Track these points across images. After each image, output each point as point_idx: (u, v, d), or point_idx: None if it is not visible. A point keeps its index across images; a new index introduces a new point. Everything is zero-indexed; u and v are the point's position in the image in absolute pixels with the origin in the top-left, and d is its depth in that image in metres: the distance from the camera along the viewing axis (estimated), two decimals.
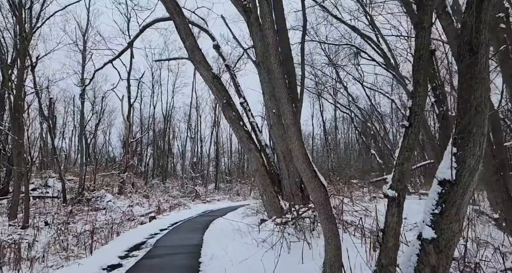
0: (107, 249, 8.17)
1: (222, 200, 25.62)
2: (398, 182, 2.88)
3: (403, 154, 2.87)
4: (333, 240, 3.25)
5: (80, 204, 16.73)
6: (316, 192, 3.38)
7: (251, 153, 7.84)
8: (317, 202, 3.39)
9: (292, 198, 7.61)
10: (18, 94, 12.27)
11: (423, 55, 2.68)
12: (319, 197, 3.36)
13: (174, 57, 8.64)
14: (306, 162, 3.46)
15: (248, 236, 6.10)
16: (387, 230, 2.88)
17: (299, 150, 3.51)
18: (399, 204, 2.87)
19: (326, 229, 3.31)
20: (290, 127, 3.61)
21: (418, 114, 2.79)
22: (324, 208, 3.32)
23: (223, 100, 7.75)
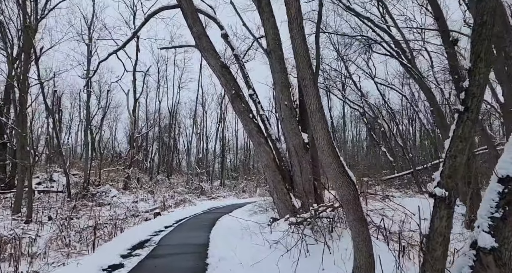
0: (109, 247, 7.82)
1: (228, 196, 25.27)
2: (448, 179, 2.39)
3: (455, 145, 2.37)
4: (364, 246, 2.79)
5: (84, 199, 16.47)
6: (343, 189, 2.91)
7: (261, 147, 7.37)
8: (345, 201, 2.92)
9: (305, 195, 7.15)
10: (21, 86, 11.97)
11: (486, 23, 2.17)
12: (347, 195, 2.89)
13: (180, 45, 8.23)
14: (333, 155, 2.99)
15: (258, 236, 5.65)
16: (434, 236, 2.40)
17: (325, 140, 3.03)
18: (450, 205, 2.38)
19: (355, 233, 2.84)
20: (315, 114, 3.13)
21: (477, 96, 2.29)
22: (353, 207, 2.85)
23: (232, 91, 7.28)
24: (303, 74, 3.21)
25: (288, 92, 7.49)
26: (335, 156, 3.02)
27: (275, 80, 7.53)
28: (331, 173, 3.02)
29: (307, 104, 3.26)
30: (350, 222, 2.91)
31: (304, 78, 3.22)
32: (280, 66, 7.45)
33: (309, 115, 3.21)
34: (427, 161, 18.87)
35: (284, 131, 7.54)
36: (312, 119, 3.18)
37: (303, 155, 7.30)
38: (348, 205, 2.90)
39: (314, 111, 3.16)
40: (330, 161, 3.02)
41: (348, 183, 2.92)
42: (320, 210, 4.73)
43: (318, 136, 3.12)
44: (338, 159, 3.02)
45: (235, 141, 38.73)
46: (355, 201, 2.88)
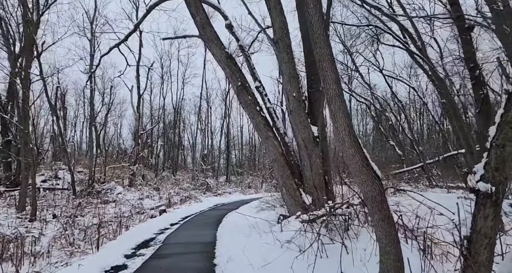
0: (114, 246, 7.61)
1: (233, 192, 25.06)
2: (495, 172, 2.05)
3: (504, 132, 2.02)
4: (392, 248, 2.46)
5: (89, 196, 16.37)
6: (367, 185, 2.58)
7: (268, 141, 7.04)
8: (369, 198, 2.60)
9: (315, 191, 6.83)
10: (23, 83, 11.76)
11: None
12: (372, 191, 2.56)
13: (184, 35, 7.92)
14: (355, 146, 2.66)
15: (268, 235, 5.35)
16: (477, 238, 2.07)
17: (346, 129, 2.70)
18: (497, 202, 2.04)
19: (382, 234, 2.52)
20: (335, 100, 2.79)
21: None
22: (378, 205, 2.52)
23: (237, 83, 6.94)
24: (321, 55, 2.85)
25: (296, 83, 7.13)
26: (358, 147, 2.68)
27: (283, 71, 7.18)
28: (353, 167, 2.69)
29: (325, 89, 2.91)
30: (375, 221, 2.59)
31: (321, 59, 2.86)
32: (288, 56, 7.08)
33: (327, 102, 2.86)
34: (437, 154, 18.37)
35: (293, 124, 7.20)
36: (331, 106, 2.83)
37: (312, 148, 6.96)
38: (372, 202, 2.58)
39: (334, 97, 2.81)
40: (352, 153, 2.68)
41: (373, 177, 2.60)
42: (335, 207, 4.41)
43: (338, 125, 2.78)
44: (361, 150, 2.69)
45: (240, 136, 38.49)
46: (381, 197, 2.55)
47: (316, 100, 7.60)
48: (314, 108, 7.52)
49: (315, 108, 7.53)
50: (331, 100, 2.81)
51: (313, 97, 7.63)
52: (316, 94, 7.63)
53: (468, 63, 8.85)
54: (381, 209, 2.54)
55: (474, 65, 8.69)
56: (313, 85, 7.69)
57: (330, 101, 2.82)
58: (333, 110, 2.81)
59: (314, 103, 7.59)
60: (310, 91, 7.68)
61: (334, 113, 2.81)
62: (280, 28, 7.07)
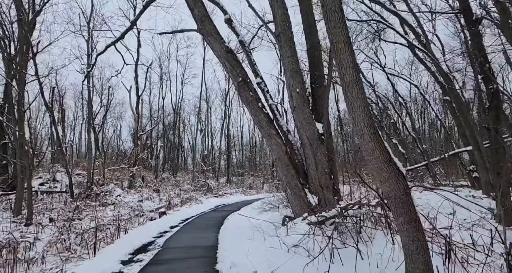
0: (111, 250, 7.29)
1: (234, 193, 24.73)
2: None
3: None
4: (420, 256, 2.15)
5: (88, 199, 16.03)
6: (390, 184, 2.27)
7: (271, 139, 6.73)
8: (392, 198, 2.29)
9: (321, 191, 6.51)
10: (18, 83, 11.46)
11: None
12: (395, 191, 2.25)
13: (181, 29, 7.63)
14: (375, 139, 2.35)
15: (273, 238, 5.02)
16: None
17: (365, 121, 2.39)
18: None
19: (408, 239, 2.21)
20: (352, 87, 2.47)
21: None
22: (403, 206, 2.21)
23: (238, 79, 6.62)
24: (335, 35, 2.53)
25: (299, 78, 6.82)
26: (378, 141, 2.37)
27: (285, 65, 6.87)
28: (374, 163, 2.38)
29: (341, 75, 2.59)
30: (400, 225, 2.27)
31: (336, 40, 2.54)
32: (291, 49, 6.77)
33: (343, 89, 2.55)
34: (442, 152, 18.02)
35: (297, 121, 6.89)
36: (348, 94, 2.52)
37: (318, 146, 6.64)
38: (396, 203, 2.26)
39: (351, 83, 2.49)
40: (371, 147, 2.37)
41: (396, 175, 2.29)
42: (348, 208, 4.08)
43: (355, 115, 2.46)
44: (382, 144, 2.38)
45: (241, 136, 38.20)
46: (406, 198, 2.24)
47: (320, 96, 7.30)
48: (318, 104, 7.22)
49: (319, 104, 7.22)
50: (348, 88, 2.49)
51: (317, 93, 7.33)
52: (320, 90, 7.33)
53: (477, 56, 8.54)
54: (407, 210, 2.23)
55: (484, 59, 8.38)
56: (316, 81, 7.39)
57: (346, 88, 2.50)
58: (350, 99, 2.50)
59: (318, 100, 7.29)
60: (314, 87, 7.38)
61: (351, 102, 2.49)
62: (282, 21, 6.77)
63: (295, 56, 6.88)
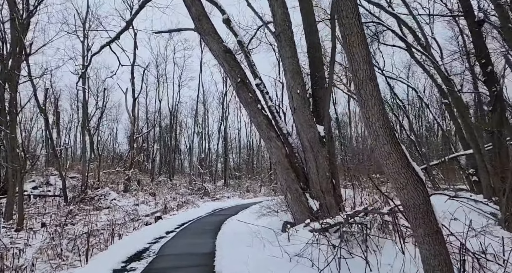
0: (104, 257, 7.01)
1: (232, 197, 24.44)
2: None
3: None
4: (444, 271, 1.93)
5: (82, 203, 15.68)
6: (408, 191, 2.06)
7: (271, 142, 6.51)
8: (410, 206, 2.07)
9: (322, 196, 6.29)
10: (10, 84, 11.17)
11: None
12: (414, 199, 2.04)
13: (178, 28, 7.43)
14: (392, 142, 2.14)
15: (274, 245, 4.78)
16: None
17: (380, 121, 2.18)
18: None
19: (428, 253, 1.99)
20: (366, 84, 2.26)
21: None
22: (423, 216, 2.00)
23: (237, 79, 6.41)
24: (347, 26, 2.31)
25: (300, 79, 6.62)
26: (395, 144, 2.16)
27: (285, 66, 6.67)
28: (390, 167, 2.17)
29: (353, 71, 2.37)
30: (420, 237, 2.06)
31: (349, 32, 2.32)
32: (291, 50, 6.59)
33: (355, 87, 2.34)
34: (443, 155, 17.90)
35: (297, 123, 6.68)
36: (361, 91, 2.31)
37: (319, 149, 6.44)
38: (416, 212, 2.05)
39: (364, 80, 2.27)
40: (387, 151, 2.16)
41: (415, 181, 2.08)
42: (353, 215, 3.84)
43: (370, 115, 2.26)
44: (399, 147, 2.17)
45: (238, 139, 37.97)
46: (426, 207, 2.03)
47: (320, 98, 7.10)
48: (319, 106, 7.02)
49: (320, 106, 7.02)
50: (361, 84, 2.28)
51: (318, 94, 7.14)
52: (321, 92, 7.14)
53: (480, 58, 8.41)
54: (427, 221, 2.02)
55: (486, 61, 8.25)
56: (317, 82, 7.20)
57: (359, 85, 2.29)
58: (363, 97, 2.28)
59: (318, 101, 7.09)
60: (315, 89, 7.19)
61: (364, 101, 2.27)
62: (282, 20, 6.58)
63: (296, 57, 6.69)
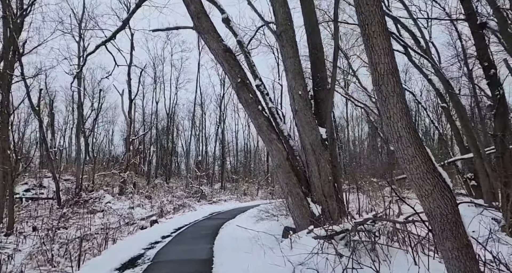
0: (96, 264, 6.72)
1: (229, 200, 24.15)
2: None
3: None
4: None
5: (76, 206, 15.30)
6: (434, 199, 1.85)
7: (272, 144, 6.30)
8: (437, 216, 1.87)
9: (325, 201, 6.08)
10: (2, 84, 10.87)
11: None
12: (440, 208, 1.83)
13: (176, 26, 7.22)
14: (416, 143, 1.93)
15: (275, 252, 4.55)
16: None
17: (403, 120, 1.98)
18: None
19: (457, 269, 1.78)
20: (387, 79, 2.05)
21: None
22: (451, 228, 1.79)
23: (237, 79, 6.21)
24: (367, 15, 2.09)
25: (302, 80, 6.44)
26: (419, 146, 1.96)
27: (287, 66, 6.48)
28: (414, 172, 1.96)
29: (373, 65, 2.15)
30: (448, 251, 1.84)
31: (368, 22, 2.11)
32: (293, 50, 6.40)
33: (375, 82, 2.13)
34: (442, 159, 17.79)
35: (299, 125, 6.48)
36: (382, 87, 2.09)
37: (321, 152, 6.24)
38: (443, 223, 1.84)
39: (386, 75, 2.06)
40: (411, 154, 1.95)
41: (442, 188, 1.87)
42: (363, 223, 3.61)
43: (391, 114, 2.05)
44: (423, 150, 1.97)
45: (235, 142, 37.72)
46: (455, 217, 1.82)
47: (322, 99, 6.92)
48: (321, 108, 6.83)
49: (322, 108, 6.84)
50: (382, 79, 2.06)
51: (320, 96, 6.95)
52: (323, 93, 6.95)
53: (482, 61, 8.29)
54: (456, 233, 1.81)
55: (489, 64, 8.13)
56: (319, 84, 7.01)
57: (380, 80, 2.08)
58: (384, 94, 2.07)
59: (320, 103, 6.90)
60: (316, 90, 7.00)
61: (385, 98, 2.06)
62: (284, 19, 6.40)
63: (297, 57, 6.51)
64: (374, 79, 2.15)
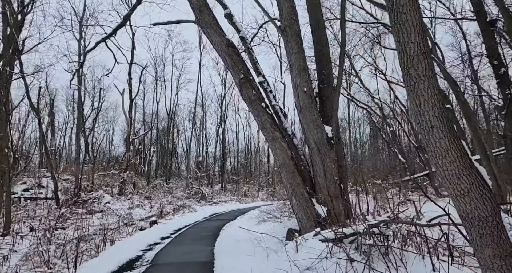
0: (93, 266, 6.51)
1: (229, 201, 23.91)
2: None
3: None
4: None
5: (74, 206, 15.09)
6: (471, 198, 1.62)
7: (276, 143, 6.08)
8: (474, 219, 1.64)
9: (330, 201, 5.85)
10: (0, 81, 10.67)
11: None
12: (479, 209, 1.60)
13: (177, 20, 7.00)
14: (450, 135, 1.69)
15: (280, 256, 4.32)
16: None
17: (436, 108, 1.75)
18: None
19: None
20: (417, 60, 1.81)
21: None
22: (492, 232, 1.56)
23: (240, 75, 5.99)
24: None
25: (307, 77, 6.22)
26: (454, 138, 1.73)
27: (291, 62, 6.26)
28: (447, 168, 1.73)
29: (401, 45, 1.91)
30: (488, 259, 1.60)
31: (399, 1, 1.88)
32: (297, 45, 6.19)
33: (403, 65, 1.89)
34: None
35: (303, 123, 6.26)
36: (411, 70, 1.85)
37: (326, 151, 6.01)
38: (481, 227, 1.61)
39: (416, 56, 1.81)
40: (445, 147, 1.71)
41: (480, 186, 1.64)
42: (378, 225, 3.37)
43: (421, 101, 1.81)
44: (458, 142, 1.74)
45: (236, 143, 37.49)
46: (495, 220, 1.59)
47: (328, 97, 6.70)
48: (326, 106, 6.61)
49: (327, 106, 6.61)
50: (411, 62, 1.82)
51: (325, 93, 6.74)
52: (328, 91, 6.73)
53: (492, 60, 8.08)
54: (497, 239, 1.58)
55: (499, 62, 7.92)
56: (324, 81, 6.80)
57: (409, 63, 1.84)
58: (413, 78, 1.83)
59: (326, 101, 6.69)
60: (322, 87, 6.79)
61: (415, 83, 1.82)
62: (289, 14, 6.19)
63: (302, 53, 6.29)
64: (402, 62, 1.91)
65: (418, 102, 1.87)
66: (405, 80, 1.94)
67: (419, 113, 1.87)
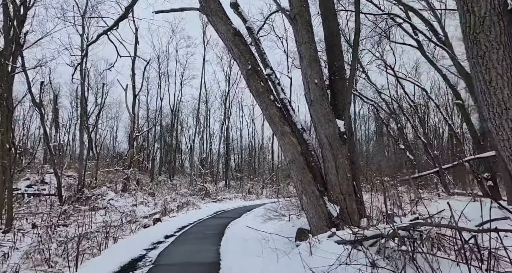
0: (95, 265, 6.28)
1: (234, 198, 23.68)
2: None
3: None
4: None
5: (77, 202, 14.94)
6: None
7: (285, 138, 5.76)
8: None
9: (342, 200, 5.52)
10: (1, 75, 10.45)
11: None
12: None
13: (181, 8, 6.68)
14: None
15: (292, 258, 4.02)
16: None
17: (510, 85, 1.41)
18: None
19: None
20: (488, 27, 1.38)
21: None
22: None
23: (247, 66, 5.67)
24: None
25: (318, 68, 5.88)
26: None
27: (302, 53, 5.92)
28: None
29: (466, 5, 1.56)
30: None
31: None
32: (308, 34, 5.84)
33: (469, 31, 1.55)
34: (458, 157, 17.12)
35: (314, 117, 5.93)
36: (480, 38, 1.47)
37: (339, 147, 5.68)
38: None
39: (486, 20, 1.45)
40: None
41: None
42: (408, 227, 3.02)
43: (492, 76, 1.44)
44: None
45: (240, 140, 37.21)
46: None
47: (339, 90, 6.35)
48: (338, 99, 6.27)
49: (339, 100, 6.27)
50: (481, 25, 1.44)
51: (336, 86, 6.39)
52: (340, 83, 6.38)
53: None
54: None
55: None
56: (335, 73, 6.44)
57: (477, 27, 1.47)
58: (483, 47, 1.44)
59: (337, 94, 6.34)
60: (333, 80, 6.44)
61: (485, 52, 1.45)
62: (299, 1, 5.84)
63: (313, 43, 5.95)
64: (467, 26, 1.54)
65: (487, 78, 1.50)
66: (470, 50, 1.59)
67: (489, 91, 1.51)
